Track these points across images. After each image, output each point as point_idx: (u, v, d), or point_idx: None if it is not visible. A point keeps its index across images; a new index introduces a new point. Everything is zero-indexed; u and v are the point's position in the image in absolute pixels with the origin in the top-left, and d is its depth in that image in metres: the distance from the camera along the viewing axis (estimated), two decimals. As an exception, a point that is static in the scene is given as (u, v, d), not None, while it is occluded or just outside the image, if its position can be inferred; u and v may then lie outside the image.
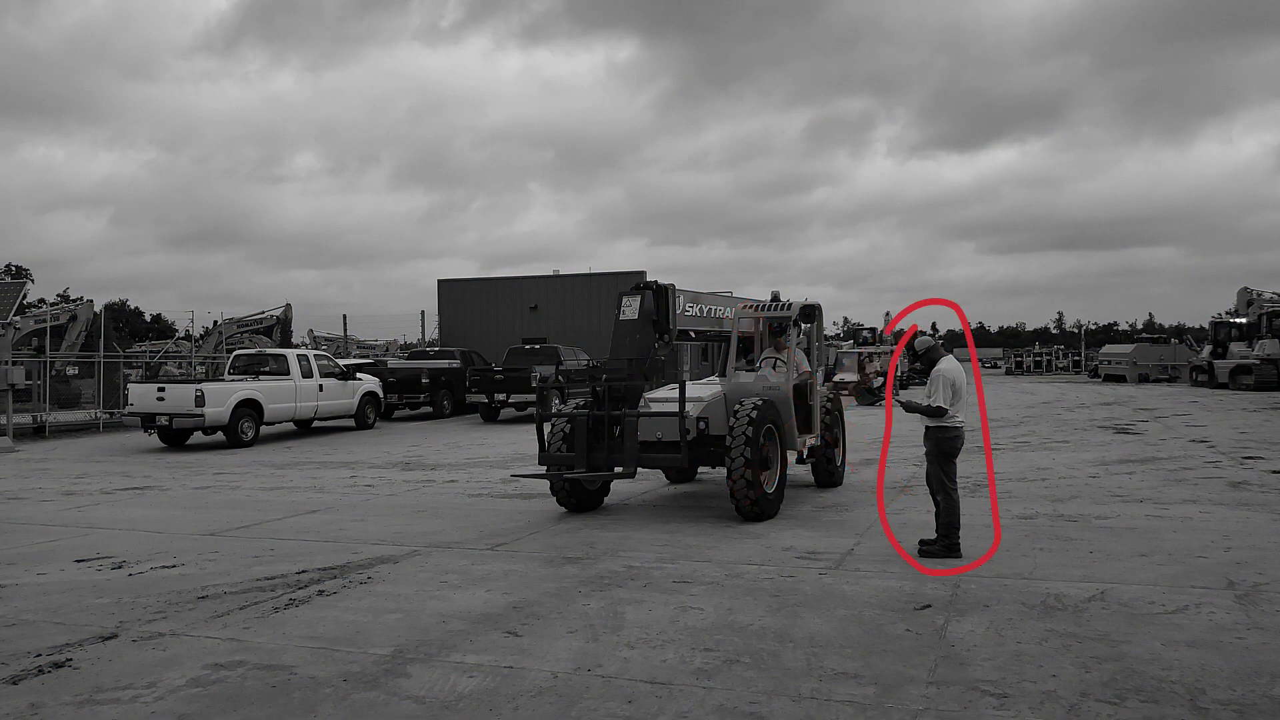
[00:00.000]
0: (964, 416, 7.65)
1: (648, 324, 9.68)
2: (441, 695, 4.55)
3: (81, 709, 4.42)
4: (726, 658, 5.04)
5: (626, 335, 9.70)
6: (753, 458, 8.82)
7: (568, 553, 7.85)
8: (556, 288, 34.80)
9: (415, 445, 18.52)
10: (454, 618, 5.92)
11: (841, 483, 11.49)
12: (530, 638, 5.46)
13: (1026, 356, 72.08)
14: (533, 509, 10.26)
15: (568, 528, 9.12)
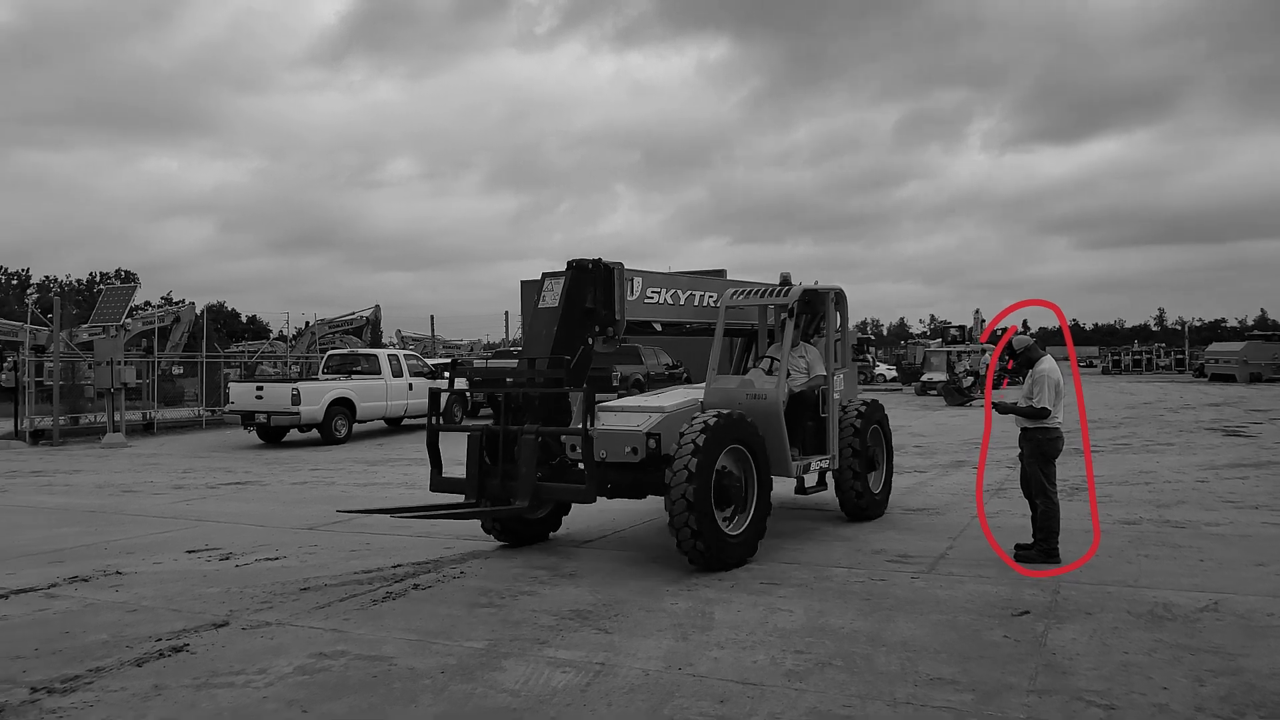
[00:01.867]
0: (1062, 418, 7.42)
1: (580, 314, 7.73)
2: (536, 689, 4.62)
3: (200, 691, 4.64)
4: (818, 660, 5.00)
5: (543, 329, 7.75)
6: (699, 494, 6.79)
7: (650, 552, 7.88)
8: (638, 287, 34.92)
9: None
10: (544, 613, 6.01)
11: (881, 514, 9.35)
12: (620, 635, 5.51)
13: (1124, 355, 69.44)
14: (613, 507, 10.31)
15: (647, 528, 9.14)
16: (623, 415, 7.78)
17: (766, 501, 7.59)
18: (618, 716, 4.27)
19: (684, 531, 6.86)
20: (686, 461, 6.86)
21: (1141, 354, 67.96)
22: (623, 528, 9.16)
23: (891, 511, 9.78)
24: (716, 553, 6.98)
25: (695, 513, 6.78)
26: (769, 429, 7.79)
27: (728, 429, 7.21)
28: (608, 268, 7.80)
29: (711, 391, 8.16)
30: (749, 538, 7.39)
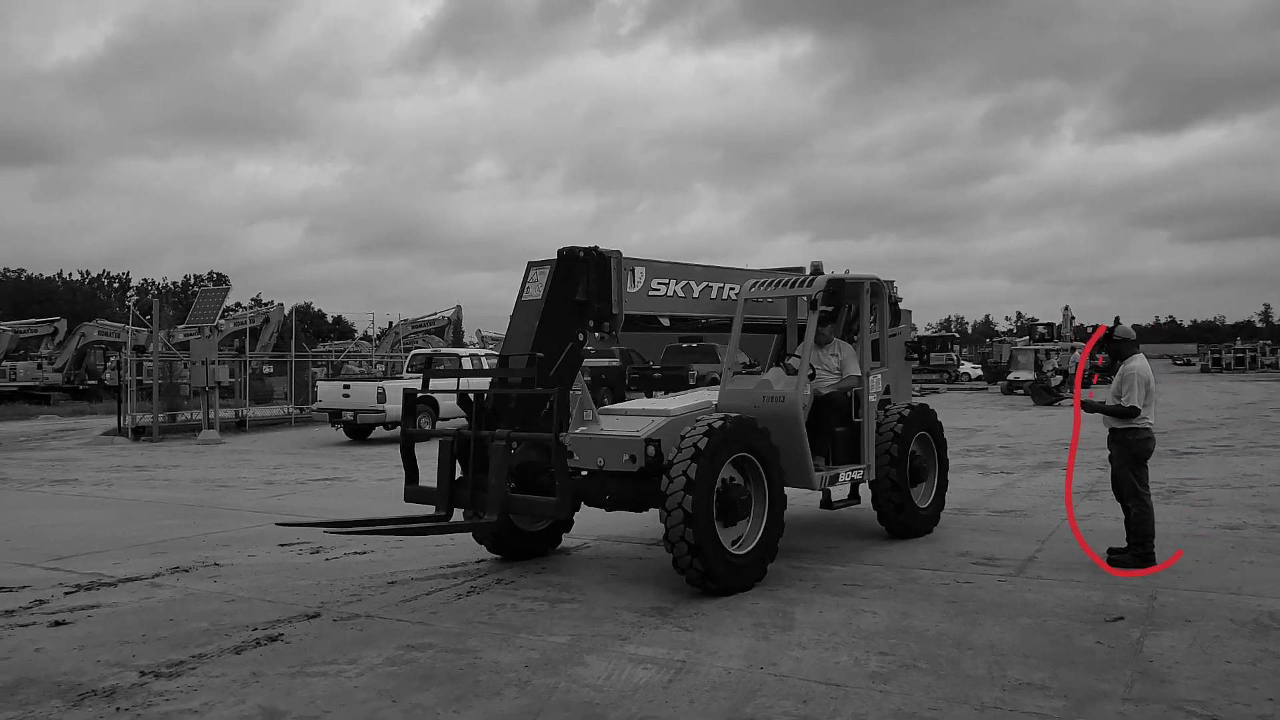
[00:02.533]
0: (1153, 418, 7.15)
1: (567, 308, 6.96)
2: (618, 685, 4.66)
3: (295, 679, 4.81)
4: (902, 662, 4.93)
5: (524, 324, 7.05)
6: (698, 506, 6.09)
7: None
8: (715, 286, 34.78)
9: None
10: (626, 610, 6.05)
11: (929, 530, 8.45)
12: (700, 633, 5.52)
13: (1225, 353, 66.47)
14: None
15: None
16: (624, 419, 7.17)
17: (778, 519, 6.75)
18: (700, 713, 4.28)
19: (680, 547, 6.13)
20: (685, 468, 6.15)
21: (1244, 351, 64.95)
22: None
23: (977, 513, 9.57)
24: (718, 573, 6.24)
25: (694, 526, 6.06)
26: (787, 436, 6.97)
27: (735, 434, 6.46)
28: (603, 257, 7.03)
29: (727, 393, 7.40)
30: (756, 558, 6.60)
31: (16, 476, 14.34)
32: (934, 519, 8.59)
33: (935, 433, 8.71)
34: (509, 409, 6.73)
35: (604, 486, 6.94)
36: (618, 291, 7.08)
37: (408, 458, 7.09)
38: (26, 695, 4.64)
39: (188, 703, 4.50)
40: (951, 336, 59.89)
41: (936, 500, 8.65)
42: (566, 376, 6.94)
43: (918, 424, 8.39)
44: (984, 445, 16.72)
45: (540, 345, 6.82)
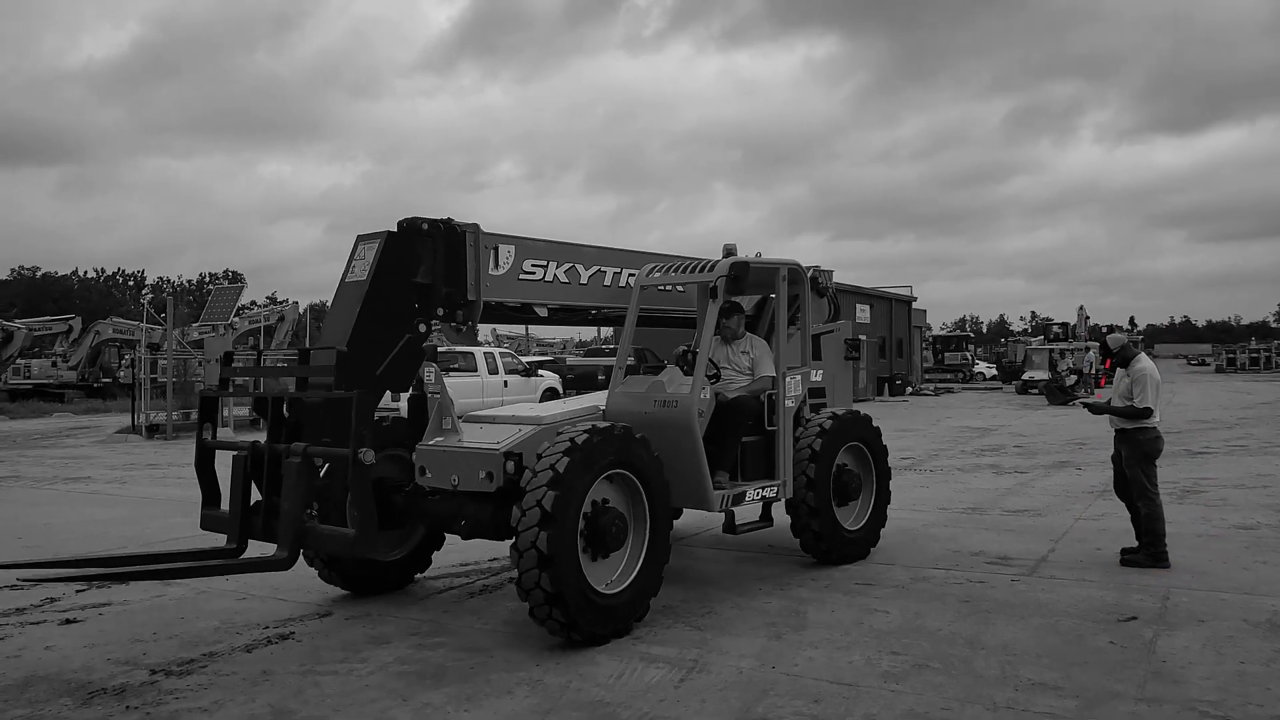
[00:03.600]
0: (1160, 417, 7.14)
1: (400, 292, 5.64)
2: (630, 684, 4.66)
3: (305, 677, 4.82)
4: (915, 662, 4.91)
5: (342, 311, 5.65)
6: (556, 542, 5.00)
7: (744, 550, 7.85)
8: (727, 285, 34.73)
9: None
10: (636, 609, 6.04)
11: (862, 556, 7.31)
12: (712, 632, 5.51)
13: (1240, 353, 65.95)
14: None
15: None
16: (489, 429, 6.06)
17: (661, 547, 5.72)
18: (711, 713, 4.27)
19: (536, 595, 5.06)
20: (540, 497, 5.05)
21: (1259, 352, 64.43)
22: (709, 526, 9.15)
23: (990, 513, 9.53)
24: (584, 622, 5.17)
25: (552, 571, 4.99)
26: (677, 447, 5.96)
27: (604, 449, 5.37)
28: (454, 231, 5.84)
29: (615, 397, 6.34)
30: (634, 595, 5.52)
31: (30, 474, 14.45)
32: (868, 542, 7.43)
33: (871, 443, 7.53)
34: (316, 417, 5.25)
35: (460, 510, 5.81)
36: (475, 273, 5.87)
37: (204, 474, 5.60)
38: (36, 693, 4.67)
39: (198, 701, 4.52)
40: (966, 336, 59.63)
41: (872, 521, 7.49)
42: (398, 376, 5.62)
43: (847, 433, 7.24)
44: (998, 445, 16.65)
45: (363, 337, 5.40)
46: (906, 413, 26.10)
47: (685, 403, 6.04)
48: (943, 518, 9.27)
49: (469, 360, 22.02)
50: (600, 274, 6.85)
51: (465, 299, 5.89)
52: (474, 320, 6.05)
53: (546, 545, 5.01)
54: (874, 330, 36.02)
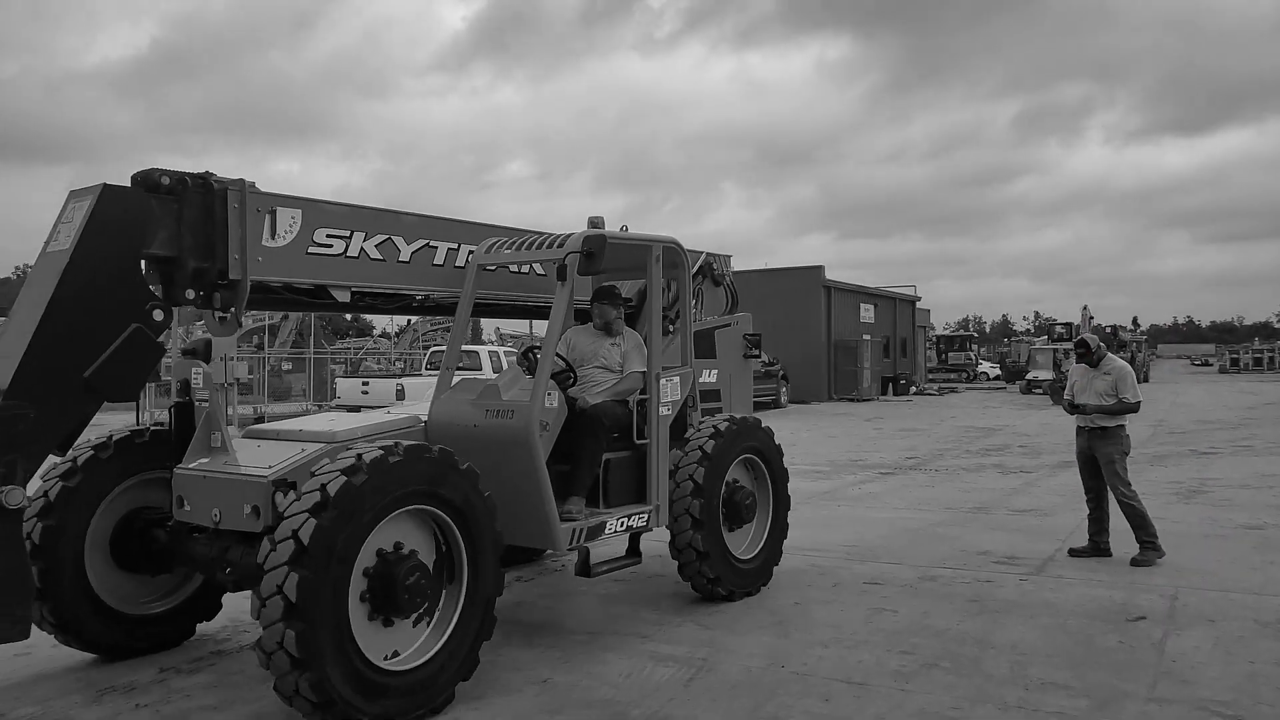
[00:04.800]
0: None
1: (126, 268, 4.26)
2: (638, 683, 4.66)
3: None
4: (924, 661, 4.91)
5: (35, 292, 4.16)
6: (310, 590, 3.76)
7: (752, 549, 7.85)
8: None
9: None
10: (645, 606, 6.05)
11: (756, 589, 6.24)
12: (720, 631, 5.51)
13: (1244, 353, 65.83)
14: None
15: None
16: (268, 448, 4.83)
17: (483, 605, 4.46)
18: (721, 712, 4.28)
19: (286, 682, 3.83)
20: (282, 579, 3.75)
21: (1263, 352, 64.29)
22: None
23: (996, 512, 9.51)
24: (350, 707, 3.89)
25: (305, 630, 3.73)
26: (512, 469, 4.84)
27: (394, 478, 4.09)
28: (209, 187, 4.48)
29: (441, 405, 5.26)
30: (436, 675, 4.26)
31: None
32: (763, 574, 6.34)
33: (768, 456, 6.46)
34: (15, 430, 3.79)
35: (224, 553, 4.61)
36: (241, 245, 4.54)
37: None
38: (45, 691, 4.69)
39: (206, 699, 4.53)
40: (970, 336, 59.55)
41: (769, 548, 6.41)
42: (117, 379, 4.16)
43: (739, 445, 6.14)
44: (1003, 444, 16.64)
45: (58, 326, 3.97)
46: (911, 412, 26.09)
47: (523, 413, 4.86)
48: (949, 517, 9.26)
49: (474, 359, 22.04)
50: (428, 250, 5.53)
51: (225, 278, 4.54)
52: (239, 307, 4.66)
53: (296, 592, 3.71)
54: (878, 330, 36.03)
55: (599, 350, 5.93)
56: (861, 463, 14.05)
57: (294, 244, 4.84)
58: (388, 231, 5.30)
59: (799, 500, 10.37)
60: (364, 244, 5.16)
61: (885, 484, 11.76)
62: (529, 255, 5.45)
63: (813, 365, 31.32)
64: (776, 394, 26.96)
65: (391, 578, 4.13)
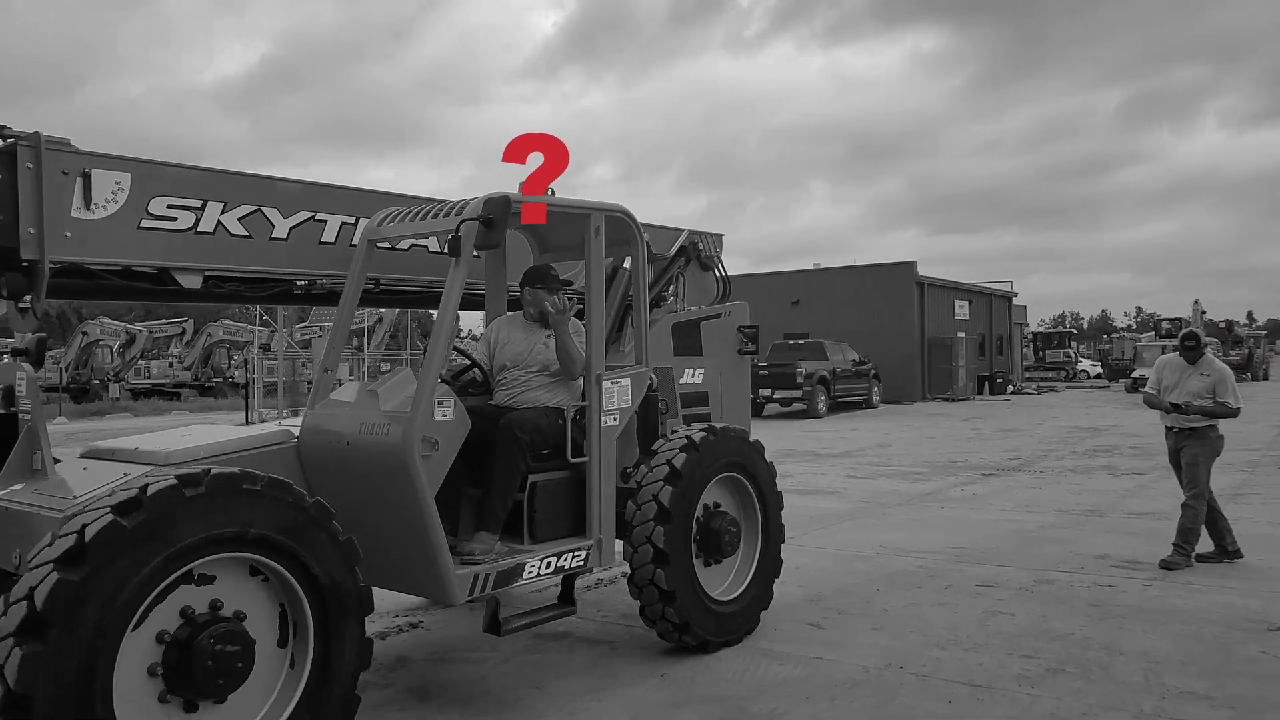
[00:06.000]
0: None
1: None
2: (754, 679, 4.66)
3: (439, 665, 4.97)
4: (1049, 666, 4.77)
5: None
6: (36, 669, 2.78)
7: (856, 550, 7.75)
8: (819, 282, 34.38)
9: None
10: (754, 606, 6.03)
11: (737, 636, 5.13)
12: (834, 631, 5.46)
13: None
14: (812, 505, 10.22)
15: (853, 526, 9.00)
16: (95, 470, 3.96)
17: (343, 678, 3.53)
18: (843, 711, 4.24)
19: None
20: (39, 580, 2.90)
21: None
22: (824, 525, 9.06)
23: (1111, 515, 9.18)
24: None
25: None
26: (386, 501, 3.93)
27: (187, 520, 3.12)
28: None
29: (315, 417, 4.25)
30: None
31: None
32: (747, 618, 5.21)
33: (756, 475, 5.33)
34: None
35: None
36: (35, 215, 3.70)
37: None
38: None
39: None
40: (1069, 333, 57.50)
41: (756, 586, 5.29)
42: None
43: (718, 460, 5.06)
44: (1111, 445, 16.04)
45: None
46: (1009, 412, 25.36)
47: (400, 429, 3.83)
48: (1060, 519, 8.98)
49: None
50: (314, 225, 4.63)
51: (18, 260, 3.72)
52: (37, 293, 3.80)
53: (16, 675, 2.78)
54: (973, 327, 35.11)
55: (532, 347, 4.83)
56: (961, 464, 13.73)
57: (119, 216, 3.97)
58: (257, 202, 4.44)
59: (899, 501, 10.26)
60: (222, 217, 4.30)
61: (988, 485, 11.46)
62: (424, 226, 4.42)
63: (905, 364, 30.70)
64: (868, 394, 26.53)
65: (198, 653, 3.13)
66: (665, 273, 5.96)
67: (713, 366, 5.96)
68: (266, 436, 4.25)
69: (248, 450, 4.05)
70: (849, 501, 10.37)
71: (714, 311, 6.08)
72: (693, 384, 5.81)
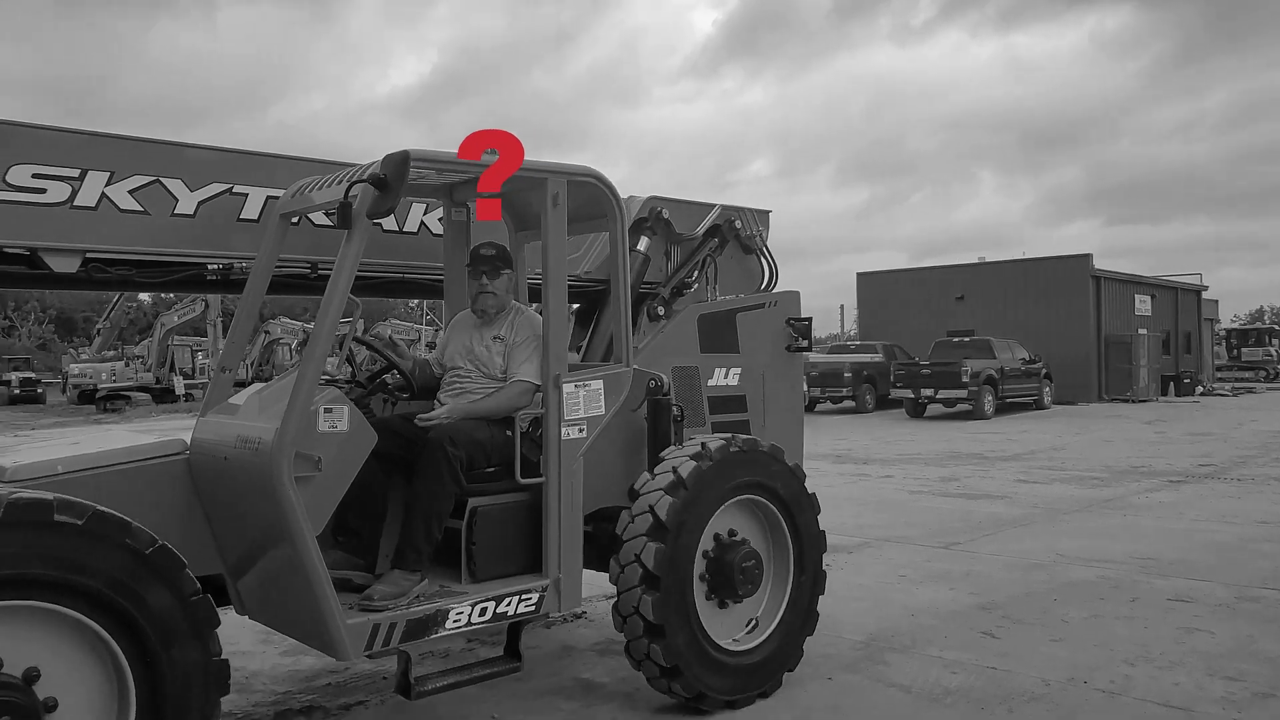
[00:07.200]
0: None
1: None
2: (927, 687, 4.50)
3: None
4: (1258, 690, 4.39)
5: None
6: None
7: (1032, 558, 7.37)
8: (985, 276, 32.88)
9: (842, 439, 18.62)
10: (921, 612, 5.83)
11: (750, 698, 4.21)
12: (1008, 640, 5.21)
13: None
14: (980, 510, 9.80)
15: (1025, 532, 8.57)
16: None
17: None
18: (1022, 725, 4.04)
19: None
20: None
21: None
22: (991, 532, 8.67)
23: (1323, 528, 8.33)
24: None
25: None
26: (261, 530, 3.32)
27: None
28: None
29: (202, 426, 3.63)
30: None
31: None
32: (764, 674, 4.27)
33: (789, 502, 4.38)
34: None
35: None
36: None
37: None
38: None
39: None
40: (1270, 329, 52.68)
41: (781, 637, 4.35)
42: None
43: (736, 476, 4.18)
44: (1320, 452, 14.60)
45: None
46: (1199, 414, 23.50)
47: (268, 448, 3.15)
48: (1265, 532, 8.24)
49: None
50: (230, 199, 4.01)
51: None
52: None
53: None
54: (1156, 323, 32.77)
55: (473, 346, 4.13)
56: (1145, 469, 12.82)
57: None
58: (154, 172, 3.81)
59: (1075, 508, 9.68)
60: (108, 189, 3.71)
61: (1178, 493, 10.65)
62: (321, 196, 3.67)
63: (1080, 363, 28.95)
64: (1039, 394, 25.20)
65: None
66: (693, 256, 5.31)
67: (752, 366, 5.06)
68: (155, 447, 3.55)
69: (126, 463, 3.40)
70: (1020, 507, 9.88)
71: (754, 301, 5.24)
72: (725, 386, 4.95)
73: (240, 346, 4.11)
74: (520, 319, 4.13)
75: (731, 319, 5.03)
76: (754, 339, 5.08)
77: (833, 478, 12.77)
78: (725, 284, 5.46)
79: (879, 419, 23.83)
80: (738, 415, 4.99)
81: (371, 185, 3.28)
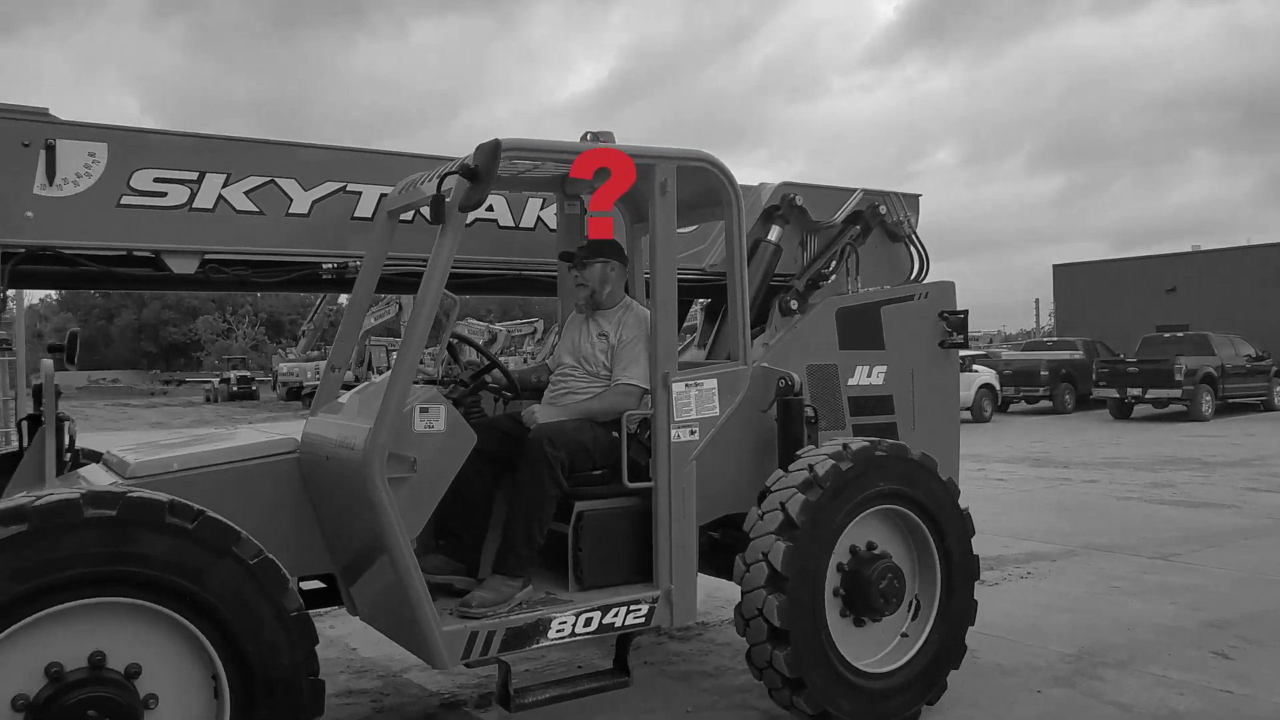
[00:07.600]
0: None
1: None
2: (1151, 707, 4.20)
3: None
4: None
5: None
6: None
7: (1265, 572, 6.73)
8: (1199, 266, 30.25)
9: (1039, 440, 17.63)
10: (1138, 626, 5.44)
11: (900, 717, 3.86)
12: (1244, 662, 4.78)
13: None
14: (1202, 519, 9.02)
15: (1258, 545, 7.82)
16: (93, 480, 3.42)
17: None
18: (1265, 756, 3.70)
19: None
20: None
21: None
22: (1217, 544, 7.98)
23: None
24: None
25: None
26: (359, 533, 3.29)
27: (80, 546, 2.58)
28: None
29: (312, 425, 3.60)
30: None
31: None
32: (904, 702, 3.87)
33: (937, 516, 4.02)
34: None
35: None
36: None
37: None
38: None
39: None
40: None
41: (924, 662, 3.96)
42: None
43: (876, 482, 3.82)
44: None
45: None
46: None
47: (361, 449, 3.09)
48: None
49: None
50: (344, 197, 3.99)
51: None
52: None
53: None
54: None
55: (580, 342, 3.99)
56: (1402, 478, 11.40)
57: (94, 193, 3.50)
58: (269, 173, 3.82)
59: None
60: (224, 191, 3.74)
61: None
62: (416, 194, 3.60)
63: (1315, 359, 26.16)
64: (1267, 394, 22.91)
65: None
66: (831, 245, 4.97)
67: (899, 363, 4.65)
68: (267, 446, 3.52)
69: (238, 461, 3.39)
70: (1250, 517, 9.02)
71: (902, 293, 4.82)
72: (868, 386, 4.57)
73: (349, 345, 4.10)
74: (629, 315, 3.96)
75: (875, 312, 4.64)
76: (901, 334, 4.68)
77: (1032, 481, 12.12)
78: (868, 275, 5.07)
79: (1080, 420, 22.41)
80: (883, 418, 4.61)
81: (463, 176, 3.16)
